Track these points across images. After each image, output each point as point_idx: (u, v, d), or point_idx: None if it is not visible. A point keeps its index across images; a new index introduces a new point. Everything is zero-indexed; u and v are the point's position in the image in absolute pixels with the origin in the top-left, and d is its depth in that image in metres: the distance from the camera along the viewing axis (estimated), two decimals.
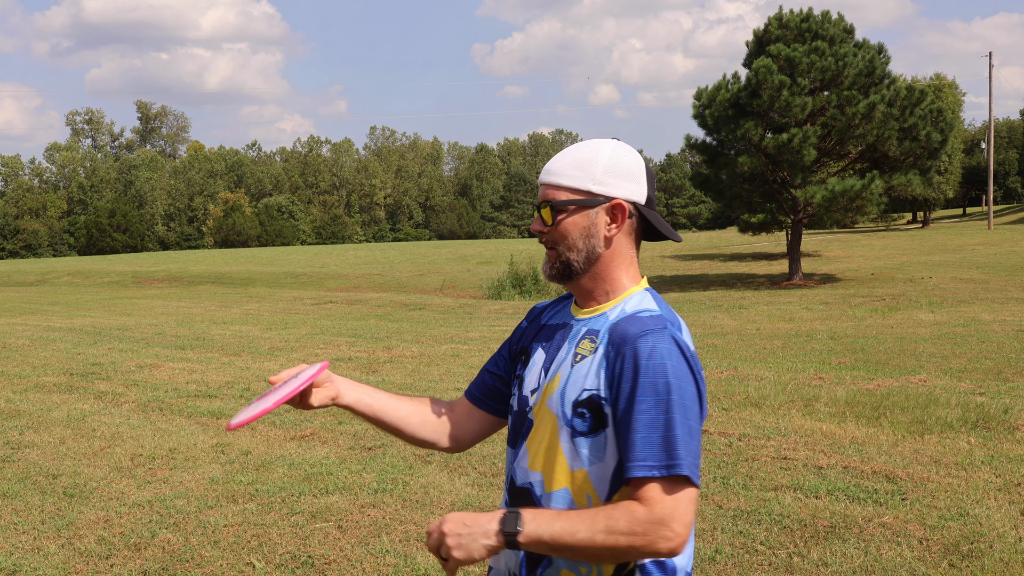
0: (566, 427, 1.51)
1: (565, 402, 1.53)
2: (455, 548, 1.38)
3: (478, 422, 1.77)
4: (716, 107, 24.56)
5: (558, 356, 1.60)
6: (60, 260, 65.71)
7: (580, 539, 1.36)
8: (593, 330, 1.57)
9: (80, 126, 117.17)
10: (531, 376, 1.64)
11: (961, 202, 70.78)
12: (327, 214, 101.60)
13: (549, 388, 1.57)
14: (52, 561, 4.20)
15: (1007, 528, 4.20)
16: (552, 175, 1.60)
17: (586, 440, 1.50)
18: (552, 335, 1.65)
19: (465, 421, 1.77)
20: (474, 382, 1.80)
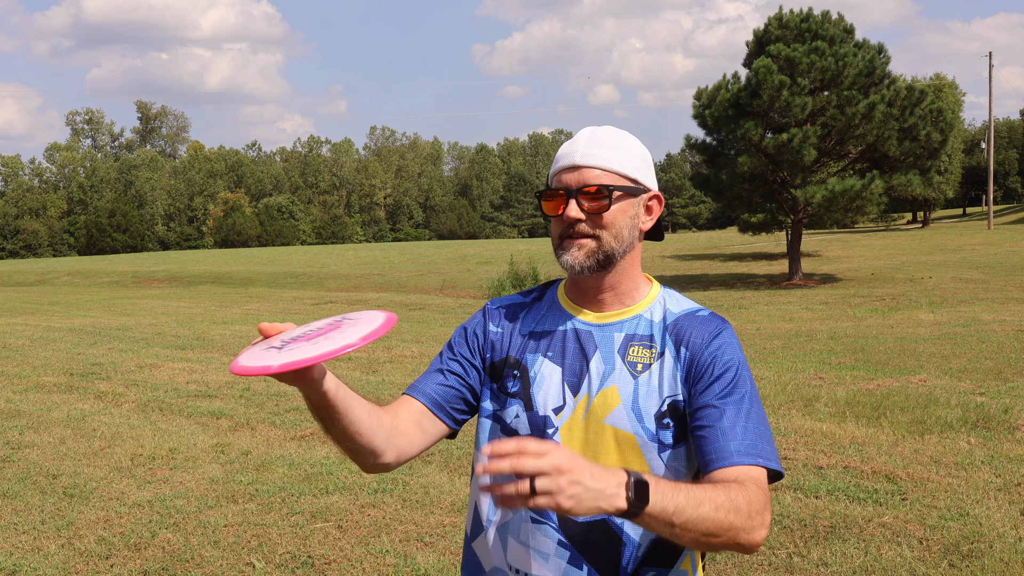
0: (652, 443, 1.41)
1: (644, 417, 1.42)
2: (567, 496, 1.11)
3: (428, 433, 1.53)
4: (716, 107, 24.56)
5: (594, 369, 1.47)
6: (60, 260, 65.71)
7: (702, 513, 1.21)
8: (642, 335, 1.48)
9: (80, 126, 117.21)
10: (546, 393, 1.48)
11: (961, 202, 70.79)
12: (327, 214, 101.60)
13: (603, 405, 1.44)
14: (52, 561, 4.20)
15: (1007, 528, 4.20)
16: (598, 158, 1.47)
17: (674, 452, 1.42)
18: (559, 344, 1.51)
19: (413, 430, 1.50)
20: (429, 383, 1.56)
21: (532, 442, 1.09)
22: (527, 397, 1.50)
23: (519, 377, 1.52)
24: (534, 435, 1.46)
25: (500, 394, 1.54)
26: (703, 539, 1.23)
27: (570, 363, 1.49)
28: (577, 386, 1.47)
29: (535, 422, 1.48)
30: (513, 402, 1.51)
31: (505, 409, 1.52)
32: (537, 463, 1.09)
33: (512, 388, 1.52)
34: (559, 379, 1.49)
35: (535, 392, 1.50)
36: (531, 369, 1.52)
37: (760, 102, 23.34)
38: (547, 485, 1.09)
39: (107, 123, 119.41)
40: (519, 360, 1.54)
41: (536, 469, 1.08)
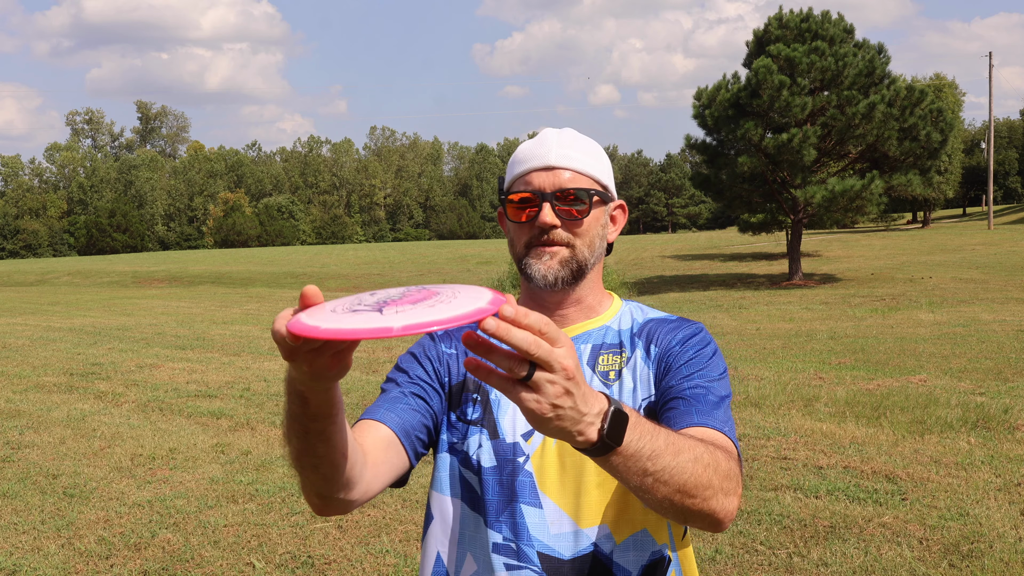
0: None
1: None
2: (551, 406, 0.90)
3: (392, 467, 1.27)
4: (716, 107, 24.56)
5: None
6: (60, 260, 65.72)
7: (681, 462, 1.04)
8: (611, 343, 1.37)
9: (80, 126, 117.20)
10: (512, 418, 1.32)
11: (961, 202, 70.79)
12: (327, 214, 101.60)
13: None
14: (52, 561, 4.20)
15: (1007, 528, 4.20)
16: (573, 159, 1.34)
17: None
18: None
19: (381, 461, 1.24)
20: (393, 408, 1.32)
21: (555, 326, 0.88)
22: (491, 423, 1.33)
23: (479, 402, 1.35)
24: (502, 466, 1.31)
25: (459, 423, 1.36)
26: (676, 498, 1.06)
27: None
28: None
29: (502, 451, 1.31)
30: (474, 430, 1.34)
31: (466, 440, 1.34)
32: (552, 353, 0.87)
33: (472, 415, 1.35)
34: None
35: (500, 417, 1.33)
36: (492, 392, 1.34)
37: (760, 102, 23.34)
38: (544, 382, 0.88)
39: (107, 123, 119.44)
40: (478, 383, 1.36)
41: (547, 358, 0.87)
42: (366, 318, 0.84)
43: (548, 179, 1.32)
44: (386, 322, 0.82)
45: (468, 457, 1.33)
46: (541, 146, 1.35)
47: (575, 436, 0.93)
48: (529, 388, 0.88)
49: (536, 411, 0.89)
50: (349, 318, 0.84)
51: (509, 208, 1.36)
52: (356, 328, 0.82)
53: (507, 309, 0.84)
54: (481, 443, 1.33)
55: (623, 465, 1.00)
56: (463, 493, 1.34)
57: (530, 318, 0.85)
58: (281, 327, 0.85)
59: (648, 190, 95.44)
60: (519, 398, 0.89)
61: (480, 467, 1.32)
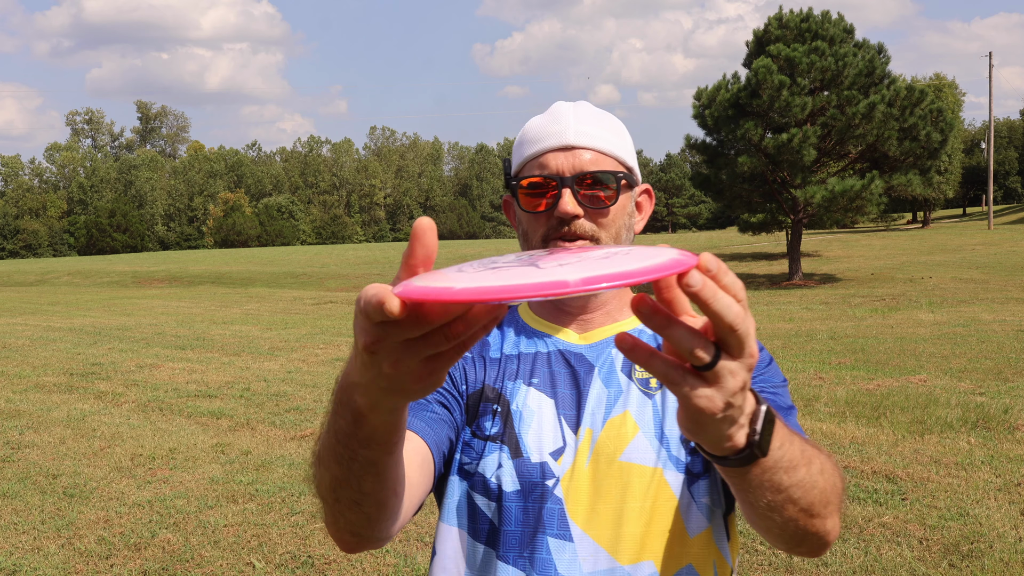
0: (682, 474, 1.10)
1: (670, 443, 1.11)
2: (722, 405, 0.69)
3: (425, 488, 1.10)
4: (716, 107, 24.56)
5: (594, 396, 1.14)
6: (60, 260, 65.72)
7: (812, 474, 0.87)
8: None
9: (80, 126, 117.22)
10: (538, 433, 1.13)
11: (961, 202, 70.79)
12: (327, 214, 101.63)
13: (615, 439, 1.11)
14: (52, 561, 4.20)
15: (1007, 528, 4.20)
16: (594, 138, 1.16)
17: (704, 482, 1.12)
18: (544, 369, 1.17)
19: (417, 480, 1.05)
20: (417, 413, 1.11)
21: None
22: (512, 439, 1.13)
23: (499, 413, 1.15)
24: (527, 491, 1.11)
25: (475, 439, 1.15)
26: (801, 518, 0.89)
27: (563, 392, 1.15)
28: (575, 420, 1.14)
29: (527, 472, 1.11)
30: (492, 448, 1.13)
31: (481, 459, 1.13)
32: (751, 332, 0.67)
33: (491, 430, 1.15)
34: (553, 413, 1.14)
35: (522, 431, 1.13)
36: (513, 402, 1.15)
37: (760, 102, 23.34)
38: (726, 372, 0.67)
39: (107, 123, 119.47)
40: (498, 390, 1.17)
41: (745, 337, 0.66)
42: (520, 273, 0.61)
43: (567, 161, 1.15)
44: (556, 275, 0.59)
45: (485, 481, 1.13)
46: (556, 122, 1.18)
47: (721, 444, 0.74)
48: (704, 380, 0.68)
49: (706, 410, 0.69)
50: (491, 275, 0.61)
51: (521, 195, 1.17)
52: (514, 285, 0.57)
53: (710, 261, 0.63)
54: (501, 463, 1.12)
55: (758, 479, 0.81)
56: (476, 524, 1.14)
57: (729, 277, 0.64)
58: (383, 294, 0.58)
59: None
60: (687, 393, 0.68)
61: (501, 492, 1.11)
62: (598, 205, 1.15)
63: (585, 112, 1.19)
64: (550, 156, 1.16)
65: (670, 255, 0.62)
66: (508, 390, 1.16)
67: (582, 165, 1.14)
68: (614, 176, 1.15)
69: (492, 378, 1.18)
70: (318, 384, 8.84)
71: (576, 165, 1.14)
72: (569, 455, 1.12)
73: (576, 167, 1.14)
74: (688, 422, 0.72)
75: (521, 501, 1.11)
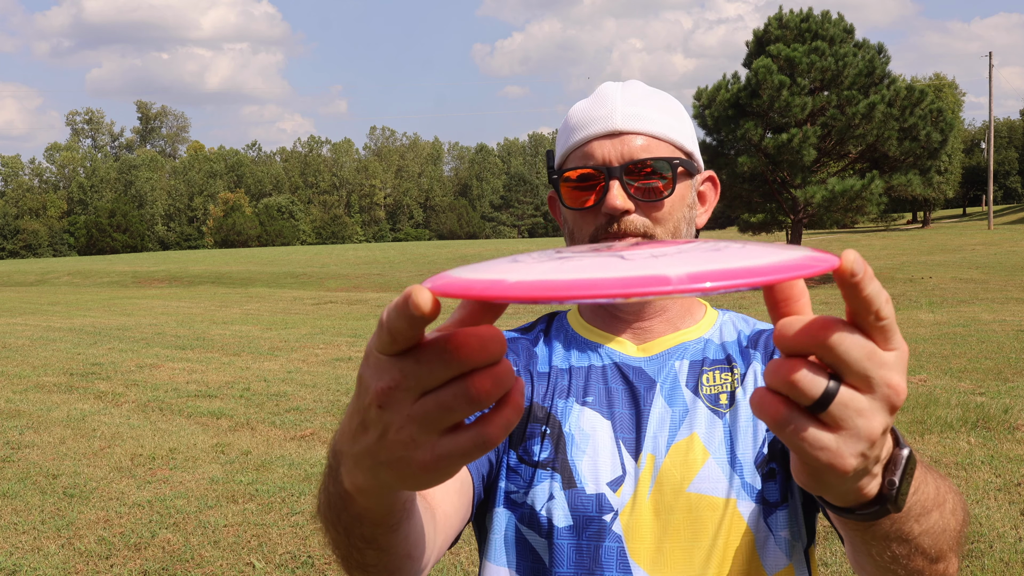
0: (757, 504, 0.96)
1: (744, 469, 0.97)
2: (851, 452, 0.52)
3: (463, 517, 0.97)
4: (716, 107, 24.57)
5: (656, 416, 1.00)
6: (60, 260, 65.72)
7: (944, 517, 0.73)
8: (715, 359, 1.04)
9: (80, 126, 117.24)
10: (593, 459, 0.99)
11: (961, 202, 70.81)
12: (327, 214, 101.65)
13: (681, 466, 0.98)
14: (52, 561, 4.20)
15: (1007, 528, 4.20)
16: (646, 120, 1.03)
17: (783, 513, 0.97)
18: (598, 386, 1.03)
19: (452, 511, 0.92)
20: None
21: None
22: (565, 467, 0.99)
23: (549, 436, 1.01)
24: (580, 527, 0.97)
25: (521, 465, 1.01)
26: (926, 568, 0.74)
27: (620, 412, 1.02)
28: (635, 445, 1.00)
29: (581, 505, 0.97)
30: (543, 476, 0.99)
31: (531, 489, 0.99)
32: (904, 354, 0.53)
33: (540, 454, 1.00)
34: (610, 436, 1.00)
35: (575, 458, 0.99)
36: (565, 423, 1.01)
37: (760, 102, 23.35)
38: (852, 413, 0.51)
39: (107, 123, 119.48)
40: (547, 409, 1.03)
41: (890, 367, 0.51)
42: (599, 264, 0.46)
43: (615, 149, 1.02)
44: (651, 268, 0.44)
45: (535, 513, 0.99)
46: (602, 106, 1.04)
47: (847, 496, 0.59)
48: (821, 424, 0.52)
49: (828, 465, 0.52)
50: (559, 266, 0.47)
51: (564, 190, 1.05)
52: (592, 280, 0.43)
53: (856, 262, 0.48)
54: (552, 493, 0.98)
55: (884, 531, 0.67)
56: (526, 563, 1.00)
57: (875, 284, 0.51)
58: (410, 289, 0.45)
59: None
60: (799, 444, 0.52)
61: (552, 527, 0.97)
62: (651, 197, 1.01)
63: (635, 92, 1.06)
64: (595, 144, 1.03)
65: (803, 251, 0.48)
66: (559, 409, 1.02)
67: (632, 153, 1.01)
68: (669, 163, 1.02)
69: (540, 395, 1.04)
70: (318, 384, 8.84)
71: (625, 153, 1.01)
72: (629, 486, 0.97)
73: (625, 155, 1.01)
74: (805, 477, 0.56)
75: (574, 538, 0.97)
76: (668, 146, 1.04)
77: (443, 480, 0.52)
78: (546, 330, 1.12)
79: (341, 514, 0.67)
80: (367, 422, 0.52)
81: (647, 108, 1.04)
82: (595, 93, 1.08)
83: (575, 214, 1.05)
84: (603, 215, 1.02)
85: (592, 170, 1.02)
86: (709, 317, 1.12)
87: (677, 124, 1.05)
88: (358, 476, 0.56)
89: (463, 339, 0.47)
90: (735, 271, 0.44)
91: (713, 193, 1.13)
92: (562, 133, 1.09)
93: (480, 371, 0.47)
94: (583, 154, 1.03)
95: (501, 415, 0.49)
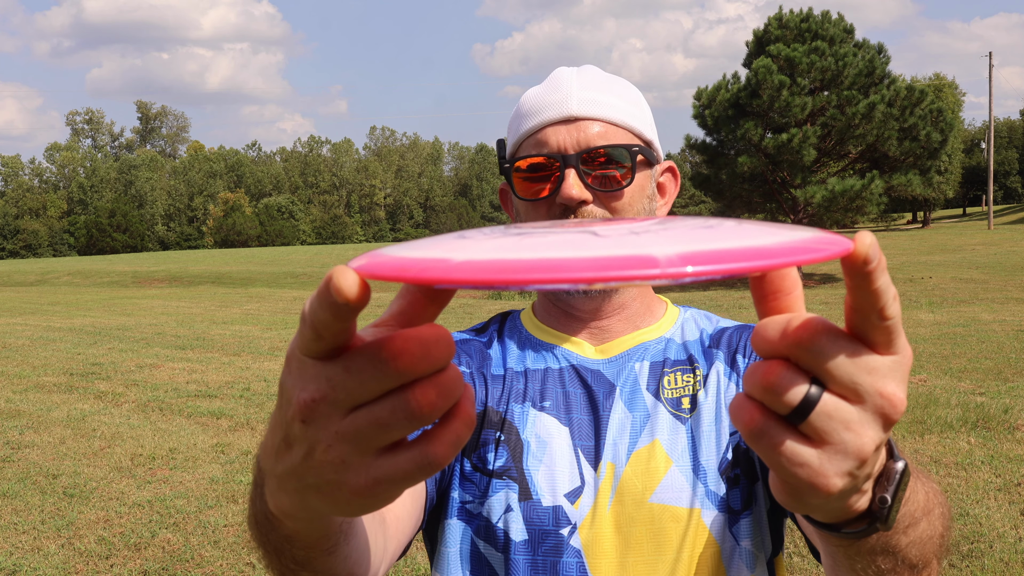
0: (721, 513, 0.91)
1: (708, 476, 0.92)
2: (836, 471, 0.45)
3: (416, 520, 0.92)
4: (716, 107, 24.58)
5: (616, 422, 0.95)
6: (60, 260, 65.73)
7: (933, 524, 0.67)
8: (675, 360, 0.99)
9: (80, 126, 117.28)
10: (551, 469, 0.93)
11: (961, 202, 70.83)
12: (327, 214, 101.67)
13: (642, 475, 0.92)
14: (52, 561, 4.20)
15: (1007, 528, 4.20)
16: (603, 106, 0.97)
17: (746, 522, 0.92)
18: (555, 390, 0.98)
19: (404, 514, 0.88)
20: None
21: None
22: (521, 477, 0.93)
23: (505, 443, 0.95)
24: (537, 541, 0.91)
25: (476, 473, 0.95)
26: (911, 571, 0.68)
27: (578, 418, 0.96)
28: (595, 453, 0.94)
29: (538, 518, 0.92)
30: (498, 486, 0.93)
31: (486, 499, 0.94)
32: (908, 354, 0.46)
33: (495, 463, 0.94)
34: (568, 444, 0.95)
35: (531, 468, 0.94)
36: (523, 430, 0.96)
37: (760, 102, 23.35)
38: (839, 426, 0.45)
39: (107, 123, 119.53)
40: (502, 415, 0.97)
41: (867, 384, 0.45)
42: (566, 242, 0.38)
43: (570, 135, 0.95)
44: (634, 247, 0.37)
45: (491, 526, 0.93)
46: (556, 90, 0.98)
47: (831, 514, 0.53)
48: (802, 436, 0.45)
49: (811, 484, 0.46)
50: (515, 243, 0.39)
51: (517, 180, 0.99)
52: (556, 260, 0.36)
53: (872, 247, 0.41)
54: (510, 505, 0.92)
55: (869, 546, 0.61)
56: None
57: (886, 276, 0.44)
58: (333, 271, 0.39)
59: None
60: (777, 454, 0.45)
61: (508, 541, 0.92)
62: (610, 187, 0.95)
63: (591, 77, 1.00)
64: (550, 131, 0.96)
65: (811, 232, 0.41)
66: (515, 415, 0.96)
67: (588, 140, 0.95)
68: (628, 151, 0.96)
69: (495, 399, 0.98)
70: None
71: (581, 140, 0.95)
72: (588, 497, 0.92)
73: (581, 142, 0.95)
74: (784, 496, 0.49)
75: (530, 554, 0.91)
76: (627, 133, 0.98)
77: (381, 506, 0.44)
78: (499, 331, 1.06)
79: (270, 535, 0.60)
80: (290, 439, 0.44)
81: (604, 93, 0.98)
82: (549, 78, 1.02)
83: (528, 205, 0.99)
84: (558, 206, 0.96)
85: (546, 158, 0.96)
86: (670, 315, 1.06)
87: (636, 111, 1.00)
88: (283, 499, 0.48)
89: (402, 344, 0.39)
90: (735, 252, 0.37)
91: (673, 185, 1.06)
92: (514, 120, 1.03)
93: (423, 380, 0.40)
94: (536, 142, 0.97)
95: (449, 430, 0.42)
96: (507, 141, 1.04)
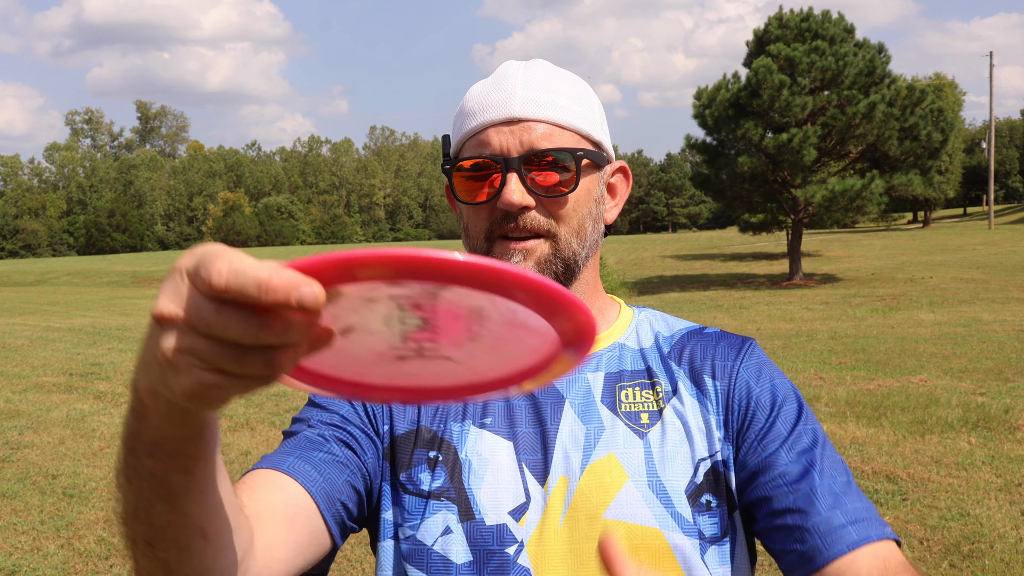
0: (691, 538, 0.88)
1: (671, 495, 0.89)
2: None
3: (303, 548, 0.83)
4: (716, 107, 24.57)
5: (566, 434, 0.92)
6: (60, 260, 65.71)
7: None
8: (634, 370, 0.96)
9: (80, 126, 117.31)
10: (494, 486, 0.90)
11: (962, 202, 70.82)
12: (327, 214, 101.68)
13: (596, 489, 0.89)
14: (52, 561, 4.19)
15: (1007, 528, 4.19)
16: (547, 106, 0.92)
17: (719, 551, 0.90)
18: (499, 404, 0.95)
19: (282, 538, 0.80)
20: (308, 458, 0.87)
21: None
22: (462, 496, 0.90)
23: (441, 463, 0.92)
24: (481, 562, 0.88)
25: (406, 496, 0.92)
26: None
27: (522, 431, 0.93)
28: (543, 467, 0.91)
29: (482, 539, 0.88)
30: (436, 507, 0.90)
31: (422, 521, 0.90)
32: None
33: (431, 483, 0.91)
34: (511, 460, 0.92)
35: (473, 487, 0.90)
36: (461, 448, 0.93)
37: (760, 102, 23.35)
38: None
39: (107, 123, 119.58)
40: (437, 434, 0.94)
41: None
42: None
43: (513, 137, 0.91)
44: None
45: (425, 550, 0.89)
46: (500, 89, 0.94)
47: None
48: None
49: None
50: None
51: (458, 181, 0.94)
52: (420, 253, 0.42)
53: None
54: (449, 527, 0.89)
55: None
56: None
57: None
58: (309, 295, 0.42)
59: (648, 190, 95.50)
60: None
61: (449, 564, 0.88)
62: (553, 193, 0.91)
63: (537, 73, 0.94)
64: (492, 132, 0.92)
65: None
66: (453, 434, 0.93)
67: (532, 142, 0.91)
68: (573, 155, 0.91)
69: (428, 417, 0.94)
70: None
71: (524, 142, 0.91)
72: (535, 512, 0.89)
73: (524, 144, 0.91)
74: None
75: (475, 575, 0.88)
76: (573, 135, 0.93)
77: (215, 407, 0.49)
78: None
79: (136, 445, 0.60)
80: (151, 328, 0.49)
81: (550, 92, 0.93)
82: (495, 73, 0.97)
83: (469, 208, 0.95)
84: (499, 211, 0.92)
85: (487, 160, 0.91)
86: (624, 317, 1.02)
87: (583, 110, 0.95)
88: (143, 379, 0.53)
89: (275, 314, 0.43)
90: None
91: (625, 185, 1.02)
92: (458, 118, 0.98)
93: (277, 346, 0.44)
94: (478, 142, 0.93)
95: (296, 350, 0.45)
96: (451, 139, 0.99)
